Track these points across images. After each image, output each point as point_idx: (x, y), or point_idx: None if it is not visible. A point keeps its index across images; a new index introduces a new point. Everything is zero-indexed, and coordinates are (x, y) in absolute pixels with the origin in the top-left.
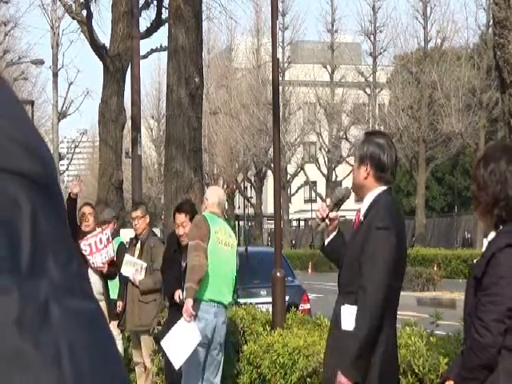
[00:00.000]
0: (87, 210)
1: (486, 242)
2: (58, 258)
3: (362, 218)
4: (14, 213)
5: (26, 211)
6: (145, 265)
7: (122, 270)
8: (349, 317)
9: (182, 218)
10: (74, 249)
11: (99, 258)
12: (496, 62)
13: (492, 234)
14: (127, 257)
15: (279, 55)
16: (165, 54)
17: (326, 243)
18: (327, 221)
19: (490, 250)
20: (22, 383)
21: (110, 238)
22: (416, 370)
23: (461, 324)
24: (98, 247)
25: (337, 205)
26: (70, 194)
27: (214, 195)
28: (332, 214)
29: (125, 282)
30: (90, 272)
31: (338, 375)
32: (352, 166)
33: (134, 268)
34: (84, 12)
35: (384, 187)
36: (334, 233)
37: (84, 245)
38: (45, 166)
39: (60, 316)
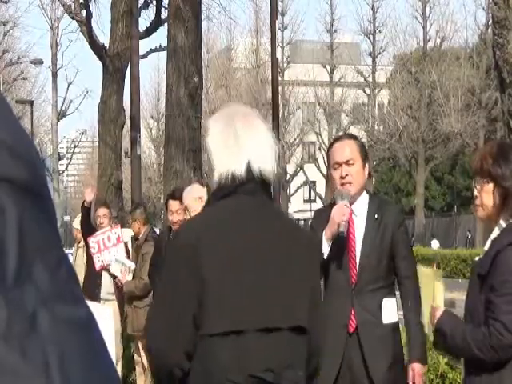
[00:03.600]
0: (102, 212)
1: (489, 241)
2: (47, 263)
3: (369, 213)
4: (1, 218)
5: (12, 217)
6: (133, 266)
7: (111, 268)
8: (391, 309)
9: (176, 204)
10: (63, 253)
11: (108, 256)
12: (495, 61)
13: (495, 232)
14: (118, 256)
15: (278, 55)
16: (164, 53)
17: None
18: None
19: (493, 248)
20: None
21: (121, 238)
22: None
23: None
24: (106, 245)
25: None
26: (83, 201)
27: (205, 193)
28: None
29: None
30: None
31: (413, 366)
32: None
33: (123, 268)
34: (83, 12)
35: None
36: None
37: (92, 242)
38: (33, 170)
39: (49, 324)
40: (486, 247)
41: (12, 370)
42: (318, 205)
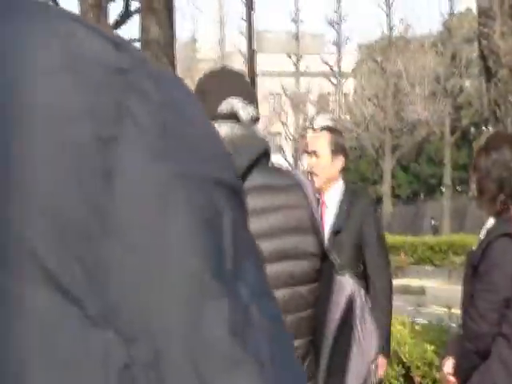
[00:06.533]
0: None
1: (484, 230)
2: (253, 262)
3: (339, 206)
4: (219, 220)
5: (228, 218)
6: None
7: None
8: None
9: None
10: (260, 253)
11: None
12: (481, 51)
13: (490, 222)
14: None
15: (243, 45)
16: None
17: None
18: None
19: (487, 237)
20: None
21: None
22: (403, 359)
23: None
24: None
25: None
26: None
27: None
28: None
29: None
30: None
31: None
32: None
33: None
34: (51, 3)
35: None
36: None
37: None
38: (235, 173)
39: (258, 319)
40: (481, 236)
41: (236, 363)
42: None
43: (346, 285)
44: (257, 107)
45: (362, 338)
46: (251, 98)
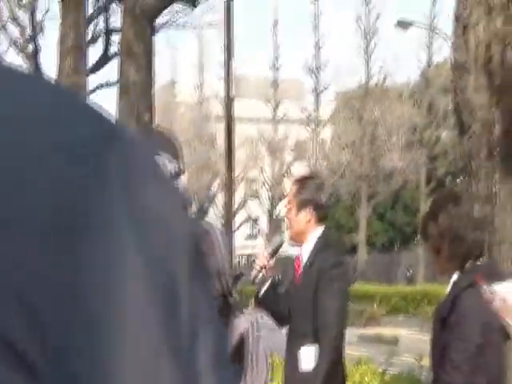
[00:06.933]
0: None
1: (450, 283)
2: (211, 333)
3: (306, 261)
4: (178, 297)
5: (188, 292)
6: None
7: None
8: (308, 357)
9: None
10: (217, 316)
11: None
12: (455, 104)
13: (455, 276)
14: None
15: (222, 90)
16: (110, 89)
17: (261, 294)
18: (264, 271)
19: (454, 290)
20: None
21: None
22: None
23: (414, 361)
24: None
25: (274, 253)
26: None
27: None
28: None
29: None
30: None
31: None
32: None
33: None
34: (31, 46)
35: (322, 226)
36: (268, 282)
37: None
38: (198, 242)
39: None
40: (449, 288)
41: None
42: (260, 241)
43: (240, 325)
44: (182, 162)
45: (253, 372)
46: (176, 155)
